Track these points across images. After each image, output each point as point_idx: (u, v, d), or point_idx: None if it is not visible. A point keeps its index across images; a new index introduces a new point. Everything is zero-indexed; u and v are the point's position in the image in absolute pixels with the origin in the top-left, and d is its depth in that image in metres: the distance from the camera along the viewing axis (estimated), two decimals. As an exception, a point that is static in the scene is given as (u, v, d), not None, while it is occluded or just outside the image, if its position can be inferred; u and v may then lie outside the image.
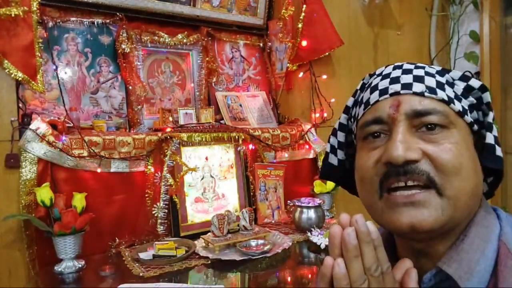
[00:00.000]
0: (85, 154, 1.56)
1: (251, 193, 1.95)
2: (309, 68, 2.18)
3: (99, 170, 1.59)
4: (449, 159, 0.52)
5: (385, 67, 0.62)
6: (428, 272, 0.54)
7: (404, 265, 0.50)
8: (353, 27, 2.35)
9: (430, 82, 0.56)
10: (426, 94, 0.55)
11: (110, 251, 1.57)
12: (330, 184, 2.01)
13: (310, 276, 1.37)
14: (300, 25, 2.13)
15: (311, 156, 2.18)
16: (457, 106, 0.56)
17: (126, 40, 1.92)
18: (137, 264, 1.40)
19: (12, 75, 1.49)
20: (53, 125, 1.54)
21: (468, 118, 0.56)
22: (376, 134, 0.57)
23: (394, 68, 0.60)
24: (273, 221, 1.95)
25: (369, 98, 0.60)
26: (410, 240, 0.57)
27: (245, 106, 2.29)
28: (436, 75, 0.58)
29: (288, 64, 2.25)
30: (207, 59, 2.20)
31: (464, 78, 0.59)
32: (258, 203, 1.94)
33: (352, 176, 0.65)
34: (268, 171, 1.98)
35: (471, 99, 0.58)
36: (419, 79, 0.56)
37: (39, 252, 1.46)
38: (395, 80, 0.57)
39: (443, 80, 0.58)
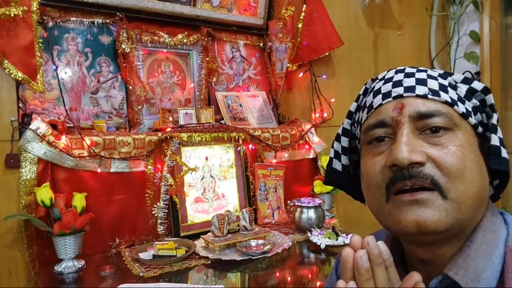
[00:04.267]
0: (85, 154, 1.56)
1: (251, 193, 1.95)
2: (309, 68, 2.18)
3: (99, 170, 1.59)
4: (453, 162, 0.52)
5: (387, 71, 0.62)
6: (434, 278, 0.54)
7: (413, 279, 0.49)
8: (353, 27, 2.35)
9: (433, 84, 0.56)
10: (429, 96, 0.55)
11: (110, 251, 1.57)
12: (330, 184, 2.01)
13: (310, 276, 1.37)
14: (300, 25, 2.13)
15: (311, 156, 2.18)
16: (461, 108, 0.55)
17: (126, 40, 1.92)
18: (137, 264, 1.40)
19: (12, 75, 1.49)
20: (53, 125, 1.54)
21: (472, 120, 0.56)
22: (380, 138, 0.57)
23: (397, 72, 0.60)
24: (273, 221, 1.95)
25: (372, 102, 0.60)
26: (417, 246, 0.57)
27: (245, 106, 2.29)
28: (438, 78, 0.58)
29: (288, 64, 2.25)
30: (207, 59, 2.20)
31: (466, 80, 0.59)
32: (258, 203, 1.94)
33: (356, 181, 0.65)
34: (268, 171, 1.98)
35: (475, 101, 0.58)
36: (422, 82, 0.56)
37: (39, 252, 1.46)
38: (398, 84, 0.57)
39: (445, 82, 0.58)
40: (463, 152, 0.53)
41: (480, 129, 0.57)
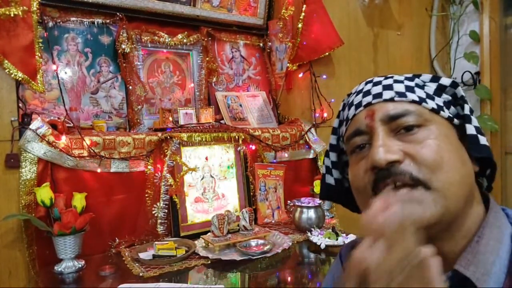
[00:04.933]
0: (85, 154, 1.56)
1: (251, 193, 1.95)
2: (309, 68, 2.18)
3: (99, 170, 1.59)
4: (429, 154, 0.54)
5: (359, 84, 0.66)
6: (444, 274, 0.54)
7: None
8: (353, 27, 2.35)
9: (399, 87, 0.60)
10: (396, 98, 0.59)
11: (110, 251, 1.57)
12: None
13: (310, 276, 1.37)
14: (300, 25, 2.13)
15: (311, 156, 2.18)
16: (430, 103, 0.58)
17: (126, 40, 1.92)
18: (137, 264, 1.40)
19: (12, 75, 1.49)
20: (53, 125, 1.54)
21: (445, 113, 0.59)
22: (361, 146, 0.61)
23: (366, 83, 0.64)
24: (273, 221, 1.95)
25: (348, 114, 0.64)
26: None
27: (245, 106, 2.29)
28: (405, 81, 0.61)
29: (288, 64, 2.25)
30: (207, 59, 2.20)
31: (434, 79, 0.62)
32: (258, 203, 1.94)
33: (350, 193, 0.67)
34: (268, 171, 1.98)
35: (446, 96, 0.61)
36: (388, 87, 0.60)
37: (39, 252, 1.46)
38: (367, 93, 0.62)
39: (412, 84, 0.61)
40: (437, 144, 0.55)
41: (456, 121, 0.60)
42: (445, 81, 0.61)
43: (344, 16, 2.31)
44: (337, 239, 1.55)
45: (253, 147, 1.96)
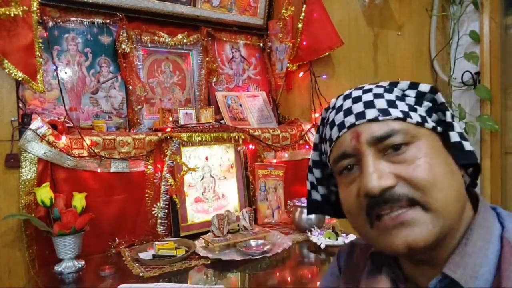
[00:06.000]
0: (85, 154, 1.56)
1: (251, 193, 1.95)
2: (309, 68, 2.18)
3: (99, 170, 1.59)
4: (421, 175, 0.52)
5: (336, 99, 0.64)
6: (434, 278, 0.54)
7: None
8: (353, 27, 2.34)
9: (381, 104, 0.57)
10: (380, 118, 0.56)
11: (110, 251, 1.57)
12: (330, 184, 2.01)
13: (310, 276, 1.37)
14: (300, 25, 2.13)
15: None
16: (414, 117, 0.56)
17: (126, 40, 1.92)
18: (137, 264, 1.40)
19: (12, 75, 1.49)
20: (53, 125, 1.54)
21: (429, 124, 0.57)
22: (349, 167, 0.58)
23: (345, 99, 0.61)
24: (273, 221, 1.95)
25: (330, 134, 0.61)
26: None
27: (245, 106, 2.29)
28: (385, 94, 0.59)
29: (288, 64, 2.25)
30: (207, 59, 2.20)
31: (412, 85, 0.60)
32: (258, 203, 1.94)
33: (339, 206, 0.66)
34: (268, 171, 1.98)
35: (427, 103, 0.59)
36: (369, 104, 0.57)
37: (39, 252, 1.46)
38: (348, 112, 0.59)
39: (392, 97, 0.58)
40: (428, 162, 0.53)
41: (439, 129, 0.58)
42: (424, 87, 0.59)
43: (344, 16, 2.31)
44: (337, 239, 1.55)
45: (253, 147, 1.96)
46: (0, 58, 1.45)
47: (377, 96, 0.58)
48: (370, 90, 0.60)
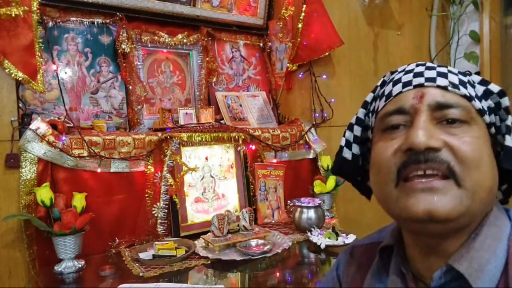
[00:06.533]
0: (85, 154, 1.56)
1: (251, 193, 1.95)
2: (309, 68, 2.18)
3: (99, 170, 1.59)
4: (470, 151, 0.52)
5: (408, 65, 0.63)
6: (439, 269, 0.54)
7: None
8: (353, 27, 2.35)
9: (454, 79, 0.57)
10: (449, 88, 0.56)
11: (110, 251, 1.57)
12: (330, 184, 2.01)
13: (310, 276, 1.37)
14: (300, 25, 2.13)
15: (311, 156, 2.18)
16: (478, 104, 0.56)
17: (126, 40, 1.92)
18: (137, 264, 1.40)
19: (12, 75, 1.49)
20: (53, 125, 1.54)
21: (487, 118, 0.57)
22: (395, 126, 0.58)
23: (418, 65, 0.61)
24: (273, 221, 1.95)
25: (391, 90, 0.60)
26: (423, 237, 0.56)
27: (245, 106, 2.29)
28: (458, 74, 0.59)
29: (288, 64, 2.25)
30: (207, 59, 2.20)
31: (483, 82, 0.60)
32: (258, 203, 1.94)
33: (363, 173, 0.66)
34: (268, 171, 1.98)
35: (490, 102, 0.59)
36: (442, 74, 0.58)
37: (39, 252, 1.46)
38: (419, 74, 0.58)
39: (465, 79, 0.59)
40: (479, 144, 0.53)
41: (492, 129, 0.58)
42: (494, 87, 0.59)
43: (344, 16, 2.31)
44: (337, 239, 1.55)
45: (253, 147, 1.96)
46: (0, 58, 1.45)
47: (451, 72, 0.59)
48: (445, 66, 0.60)
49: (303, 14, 2.11)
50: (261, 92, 2.42)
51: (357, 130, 0.69)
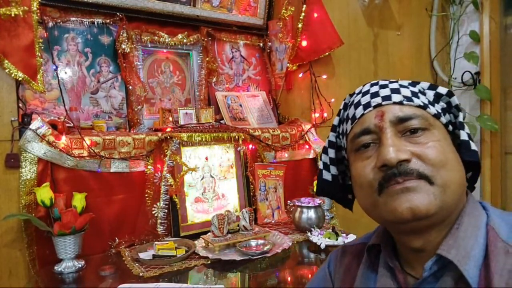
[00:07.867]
0: (85, 154, 1.56)
1: (251, 193, 1.95)
2: (309, 68, 2.18)
3: (99, 170, 1.59)
4: (435, 154, 0.59)
5: (363, 86, 0.70)
6: (429, 260, 0.58)
7: None
8: (352, 28, 2.35)
9: (406, 92, 0.64)
10: (404, 102, 0.63)
11: (110, 251, 1.57)
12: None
13: (310, 276, 1.37)
14: (300, 25, 2.13)
15: (311, 156, 2.18)
16: (432, 109, 0.63)
17: (126, 40, 1.93)
18: (137, 264, 1.40)
19: (12, 75, 1.49)
20: (53, 125, 1.54)
21: (443, 119, 0.64)
22: (366, 145, 0.64)
23: (372, 85, 0.68)
24: (273, 221, 1.95)
25: (354, 113, 0.67)
26: (410, 235, 0.61)
27: (245, 106, 2.29)
28: (409, 86, 0.66)
29: (288, 64, 2.25)
30: (207, 59, 2.20)
31: (432, 87, 0.67)
32: (258, 203, 1.94)
33: (345, 189, 0.75)
34: (268, 171, 1.98)
35: (442, 104, 0.66)
36: (396, 91, 0.65)
37: (39, 252, 1.46)
38: (375, 95, 0.65)
39: (416, 90, 0.66)
40: (441, 145, 0.60)
41: (450, 127, 0.65)
42: (442, 90, 0.66)
43: (344, 16, 2.31)
44: (337, 239, 1.55)
45: (253, 147, 1.96)
46: (0, 58, 1.45)
47: (403, 86, 0.66)
48: (396, 82, 0.67)
49: (303, 14, 2.11)
50: (261, 92, 2.43)
51: (331, 152, 0.76)
